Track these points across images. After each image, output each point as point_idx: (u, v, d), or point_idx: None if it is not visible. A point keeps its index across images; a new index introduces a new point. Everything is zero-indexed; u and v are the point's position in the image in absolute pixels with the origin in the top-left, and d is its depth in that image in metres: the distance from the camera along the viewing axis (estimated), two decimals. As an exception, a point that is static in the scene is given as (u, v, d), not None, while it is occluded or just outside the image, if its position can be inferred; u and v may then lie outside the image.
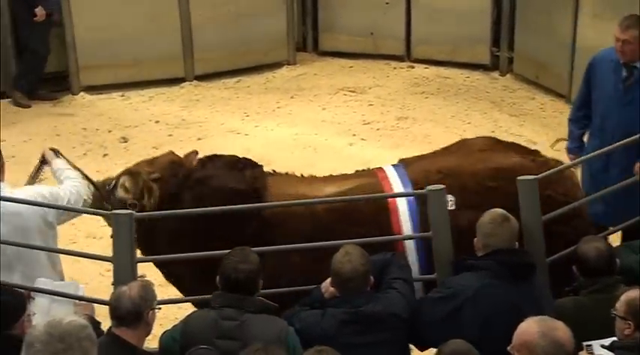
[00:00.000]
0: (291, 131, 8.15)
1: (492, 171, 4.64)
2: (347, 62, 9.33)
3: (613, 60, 5.44)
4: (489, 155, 4.78)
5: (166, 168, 4.84)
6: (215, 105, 8.71)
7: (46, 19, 8.38)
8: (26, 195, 4.52)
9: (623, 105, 5.40)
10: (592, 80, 5.58)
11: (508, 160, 4.71)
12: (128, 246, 4.22)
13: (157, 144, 7.89)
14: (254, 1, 9.15)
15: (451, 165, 4.73)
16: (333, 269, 3.95)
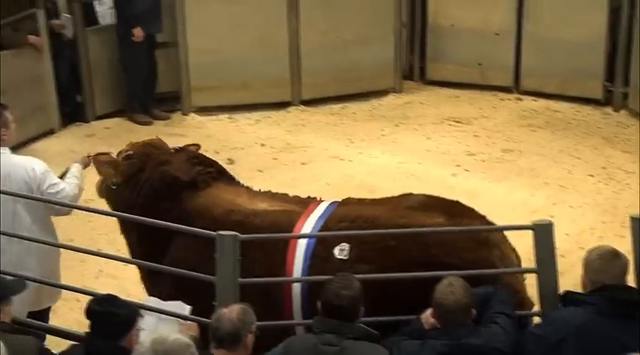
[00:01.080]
0: (394, 159, 8.13)
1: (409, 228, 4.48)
2: (453, 92, 9.28)
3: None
4: (413, 213, 4.62)
5: (141, 148, 5.26)
6: (320, 130, 8.77)
7: (147, 40, 8.58)
8: (20, 160, 5.12)
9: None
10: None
11: (425, 221, 4.52)
12: (231, 267, 4.27)
13: (262, 167, 8.00)
14: (362, 28, 9.20)
15: (371, 215, 4.63)
16: (436, 301, 3.90)
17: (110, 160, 5.24)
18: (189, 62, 8.93)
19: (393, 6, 9.24)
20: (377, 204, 4.87)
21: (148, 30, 8.56)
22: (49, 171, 5.13)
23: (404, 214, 4.63)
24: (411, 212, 4.64)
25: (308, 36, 9.05)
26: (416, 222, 4.53)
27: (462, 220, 4.56)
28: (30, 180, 5.04)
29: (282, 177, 7.83)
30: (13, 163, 5.10)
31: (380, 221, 4.59)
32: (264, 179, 7.82)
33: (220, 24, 8.85)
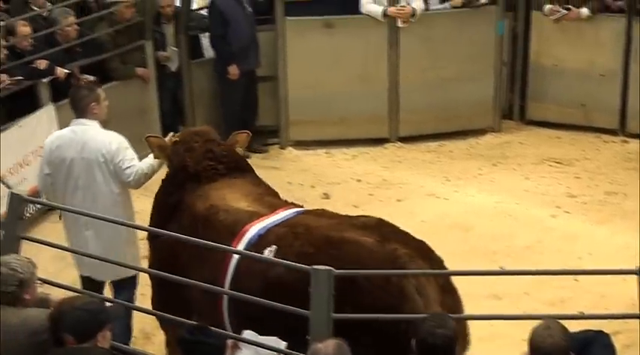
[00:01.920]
0: (491, 199, 8.01)
1: (323, 240, 4.62)
2: (554, 133, 9.09)
3: None
4: (349, 228, 4.69)
5: (186, 134, 5.68)
6: (416, 167, 8.71)
7: (245, 75, 8.67)
8: (103, 134, 5.60)
9: None
10: None
11: (351, 237, 4.59)
12: (326, 302, 4.25)
13: (357, 203, 7.98)
14: (462, 65, 9.13)
15: (311, 225, 4.77)
16: (533, 343, 3.80)
17: (159, 143, 5.61)
18: (288, 96, 9.02)
19: (494, 44, 9.15)
20: (331, 217, 4.97)
21: (244, 66, 8.65)
22: (126, 147, 5.64)
23: (341, 229, 4.71)
24: (348, 228, 4.71)
25: (407, 72, 9.03)
26: (344, 237, 4.62)
27: (389, 244, 4.55)
28: (105, 153, 5.57)
29: (377, 213, 7.67)
30: (95, 135, 5.62)
31: (314, 230, 4.72)
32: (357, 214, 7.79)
33: (320, 59, 8.92)
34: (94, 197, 5.61)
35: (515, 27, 9.39)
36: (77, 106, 5.73)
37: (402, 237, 4.75)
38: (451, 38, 9.04)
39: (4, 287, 4.07)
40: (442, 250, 7.00)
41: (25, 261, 4.17)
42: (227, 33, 8.49)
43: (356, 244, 4.58)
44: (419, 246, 4.75)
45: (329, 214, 5.06)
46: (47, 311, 4.08)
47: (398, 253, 4.53)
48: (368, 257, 4.50)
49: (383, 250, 4.54)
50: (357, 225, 4.78)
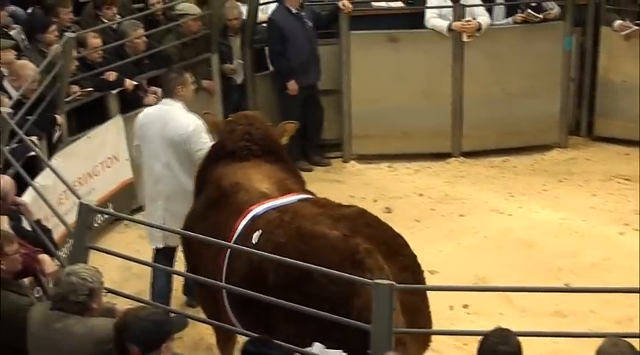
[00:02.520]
0: (556, 215, 7.90)
1: (295, 231, 4.79)
2: (623, 149, 8.93)
3: None
4: (325, 220, 4.81)
5: (237, 116, 6.03)
6: (479, 182, 8.65)
7: (305, 90, 8.70)
8: (184, 116, 6.16)
9: None
10: None
11: (320, 230, 4.73)
12: (387, 317, 4.24)
13: (419, 217, 7.96)
14: (528, 81, 9.04)
15: (298, 212, 4.95)
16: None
17: (213, 121, 6.16)
18: (352, 110, 9.03)
19: (562, 60, 9.05)
20: (321, 206, 5.08)
21: (303, 81, 8.68)
22: (201, 131, 6.10)
23: (317, 221, 4.83)
24: (325, 219, 4.83)
25: (471, 87, 8.98)
26: (313, 230, 4.75)
27: (354, 238, 4.63)
28: (182, 133, 6.12)
29: (439, 229, 7.76)
30: (176, 116, 6.19)
31: (295, 220, 4.88)
32: (420, 229, 7.78)
33: (384, 73, 8.92)
34: (170, 171, 6.23)
35: (584, 42, 9.26)
36: (166, 87, 6.47)
37: (372, 231, 4.80)
38: (517, 53, 8.96)
39: (74, 296, 4.15)
40: (506, 266, 7.02)
41: (93, 271, 4.25)
42: (286, 48, 8.54)
43: (321, 238, 4.69)
44: (387, 240, 4.79)
45: (323, 203, 5.19)
46: (113, 320, 4.14)
47: (358, 248, 4.59)
48: (329, 251, 4.63)
49: (344, 245, 4.62)
50: (334, 216, 4.89)
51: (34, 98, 6.74)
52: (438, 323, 5.22)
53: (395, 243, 4.83)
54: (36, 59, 7.31)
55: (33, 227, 5.51)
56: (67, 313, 4.17)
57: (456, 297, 6.44)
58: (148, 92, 8.21)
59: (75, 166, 7.27)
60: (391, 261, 4.68)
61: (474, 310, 6.47)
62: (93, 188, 7.52)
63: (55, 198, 6.52)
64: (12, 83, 6.86)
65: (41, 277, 5.02)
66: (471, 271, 6.98)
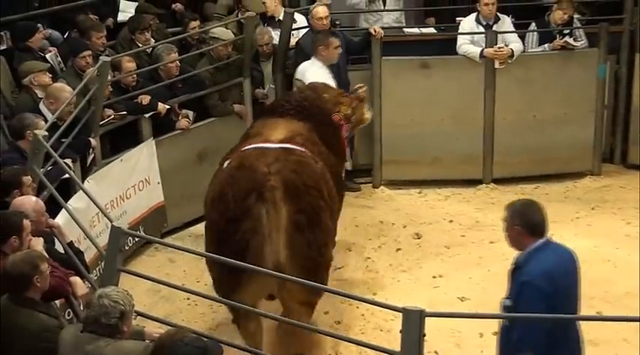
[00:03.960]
0: (589, 243, 7.81)
1: (236, 163, 5.81)
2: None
3: None
4: (259, 158, 5.74)
5: (305, 86, 7.38)
6: (511, 209, 8.58)
7: None
8: (314, 73, 7.91)
9: None
10: None
11: (255, 165, 5.65)
12: (416, 343, 4.21)
13: (448, 244, 7.93)
14: (561, 108, 9.01)
15: (260, 152, 5.83)
16: None
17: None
18: (382, 135, 9.04)
19: (595, 87, 9.01)
20: (284, 152, 5.90)
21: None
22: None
23: (263, 158, 5.71)
24: (268, 159, 5.71)
25: (503, 114, 8.96)
26: (251, 162, 5.73)
27: (271, 176, 5.57)
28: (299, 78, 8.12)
29: (469, 255, 7.72)
30: (306, 68, 7.93)
31: (253, 154, 5.84)
32: (450, 256, 7.75)
33: (416, 99, 8.94)
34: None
35: (618, 70, 9.22)
36: (312, 47, 7.95)
37: (292, 175, 5.63)
38: (549, 80, 8.93)
39: (105, 319, 4.17)
40: (537, 295, 6.93)
41: (124, 293, 4.27)
42: None
43: (248, 170, 5.66)
44: (300, 185, 5.62)
45: (289, 151, 5.91)
46: (143, 343, 4.16)
47: (266, 184, 5.53)
48: (247, 180, 5.57)
49: (260, 178, 5.54)
50: (278, 158, 5.75)
51: (69, 121, 6.82)
52: (468, 350, 5.19)
53: (303, 189, 5.62)
54: (72, 82, 7.40)
55: (65, 249, 5.56)
56: (98, 335, 4.19)
57: (486, 325, 6.38)
58: (180, 115, 8.28)
59: (107, 189, 7.33)
60: (293, 202, 5.52)
61: (504, 338, 6.40)
62: (125, 211, 7.58)
63: (87, 220, 6.58)
64: (49, 106, 6.95)
65: (72, 299, 5.06)
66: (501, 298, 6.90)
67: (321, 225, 5.65)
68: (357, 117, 7.31)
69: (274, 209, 5.44)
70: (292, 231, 5.47)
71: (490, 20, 8.97)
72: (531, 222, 4.58)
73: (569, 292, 4.55)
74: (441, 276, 7.39)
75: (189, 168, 8.28)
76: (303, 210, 5.54)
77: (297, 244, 5.49)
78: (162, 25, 9.22)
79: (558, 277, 4.50)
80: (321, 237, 5.64)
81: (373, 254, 7.82)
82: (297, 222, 5.49)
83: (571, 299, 4.58)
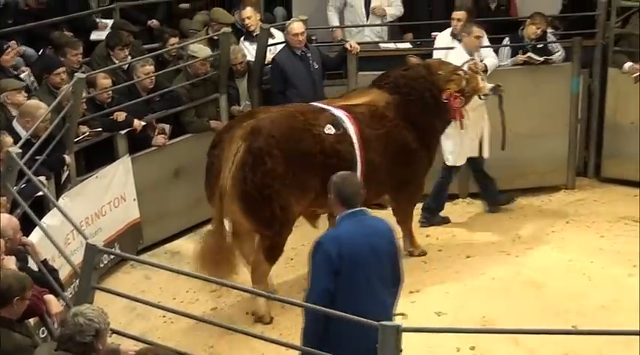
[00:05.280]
0: (564, 257, 7.87)
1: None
2: (631, 191, 8.91)
3: None
4: (263, 115, 7.06)
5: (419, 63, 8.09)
6: (486, 224, 8.62)
7: None
8: (454, 56, 8.50)
9: None
10: None
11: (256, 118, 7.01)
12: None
13: (425, 258, 7.97)
14: (535, 123, 9.05)
15: (285, 109, 7.30)
16: None
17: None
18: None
19: (569, 101, 9.08)
20: (300, 112, 7.21)
21: None
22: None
23: (268, 114, 7.08)
24: (267, 114, 7.07)
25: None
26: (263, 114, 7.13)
27: (239, 129, 6.91)
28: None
29: (446, 270, 7.74)
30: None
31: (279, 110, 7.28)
32: (426, 270, 7.77)
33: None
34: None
35: (591, 84, 9.30)
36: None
37: (251, 135, 6.80)
38: (524, 95, 8.98)
39: (80, 337, 4.15)
40: (513, 308, 6.98)
41: (99, 311, 4.25)
42: (287, 89, 8.58)
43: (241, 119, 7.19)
44: (241, 144, 6.76)
45: (304, 110, 7.25)
46: (118, 361, 4.13)
47: (222, 135, 7.02)
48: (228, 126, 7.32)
49: (228, 127, 7.13)
50: (269, 116, 7.03)
51: (43, 138, 6.79)
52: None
53: (263, 136, 6.75)
54: (45, 100, 7.37)
55: (39, 267, 5.52)
56: (73, 354, 4.16)
57: (464, 339, 6.41)
58: (157, 130, 8.26)
59: (82, 206, 7.29)
60: (248, 143, 6.73)
61: (481, 352, 6.43)
62: (100, 228, 7.54)
63: (62, 238, 6.54)
64: (25, 124, 6.91)
65: (47, 317, 5.02)
66: (479, 313, 6.95)
67: (266, 166, 6.69)
68: (471, 88, 7.90)
69: (231, 143, 6.77)
70: (237, 166, 6.69)
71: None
72: (343, 194, 4.92)
73: (357, 258, 4.78)
74: (417, 291, 7.38)
75: (166, 184, 8.26)
76: (251, 151, 6.71)
77: (237, 176, 6.68)
78: (138, 42, 9.21)
79: (347, 243, 4.79)
80: (260, 176, 6.68)
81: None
82: (243, 159, 6.69)
83: (359, 266, 4.79)
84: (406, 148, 7.51)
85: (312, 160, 6.92)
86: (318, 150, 6.95)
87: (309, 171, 6.88)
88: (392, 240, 4.99)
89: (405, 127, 7.49)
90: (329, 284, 4.74)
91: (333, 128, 7.10)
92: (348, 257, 4.77)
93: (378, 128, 7.33)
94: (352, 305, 4.68)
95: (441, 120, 7.83)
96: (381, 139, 7.30)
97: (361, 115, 7.31)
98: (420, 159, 7.69)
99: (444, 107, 7.77)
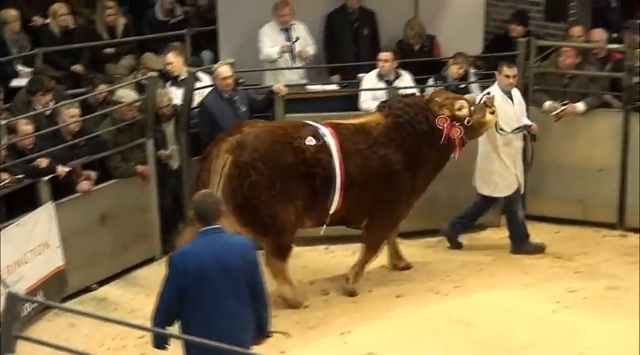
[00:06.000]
0: (492, 294, 7.95)
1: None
2: (553, 227, 9.07)
3: None
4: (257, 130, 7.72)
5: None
6: (416, 263, 8.66)
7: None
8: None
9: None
10: None
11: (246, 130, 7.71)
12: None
13: (356, 299, 7.99)
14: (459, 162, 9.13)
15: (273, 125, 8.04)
16: None
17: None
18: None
19: (492, 140, 9.22)
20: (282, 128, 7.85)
21: None
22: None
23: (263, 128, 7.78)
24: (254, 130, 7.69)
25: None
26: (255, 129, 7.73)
27: (231, 142, 7.59)
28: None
29: (377, 310, 7.76)
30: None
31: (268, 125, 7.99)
32: (357, 310, 7.77)
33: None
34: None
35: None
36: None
37: (237, 149, 7.47)
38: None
39: None
40: (442, 346, 7.03)
41: None
42: (216, 133, 8.58)
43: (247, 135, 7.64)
44: (228, 158, 7.43)
45: (279, 128, 7.84)
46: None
47: (220, 148, 7.58)
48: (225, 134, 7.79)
49: (223, 139, 7.63)
50: (257, 132, 7.67)
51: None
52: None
53: (248, 151, 7.42)
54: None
55: (-42, 317, 5.35)
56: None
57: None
58: (82, 177, 8.15)
59: (3, 254, 7.13)
60: (234, 157, 7.41)
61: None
62: (22, 276, 7.37)
63: (-18, 286, 6.37)
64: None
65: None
66: (409, 352, 6.97)
67: (251, 178, 7.35)
68: (476, 119, 7.99)
69: (218, 157, 7.39)
70: (225, 178, 7.35)
71: (390, 76, 9.16)
72: (199, 211, 5.27)
73: (204, 274, 5.10)
74: (349, 332, 7.38)
75: (91, 230, 8.14)
76: (237, 164, 7.36)
77: (226, 189, 7.32)
78: (61, 87, 9.10)
79: (194, 259, 5.12)
80: (247, 188, 7.36)
81: (280, 312, 7.78)
82: (230, 172, 7.35)
83: (207, 281, 5.11)
84: (389, 168, 7.77)
85: (295, 170, 7.50)
86: (300, 161, 7.51)
87: (293, 181, 7.50)
88: (247, 257, 5.26)
89: (390, 147, 7.78)
90: (173, 295, 5.12)
91: (314, 140, 7.63)
92: (195, 272, 5.09)
93: (360, 143, 7.72)
94: (200, 318, 5.08)
95: (432, 147, 7.92)
96: (362, 153, 7.70)
97: (346, 130, 7.77)
98: (402, 182, 7.87)
99: (438, 134, 7.89)
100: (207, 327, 5.01)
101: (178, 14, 10.94)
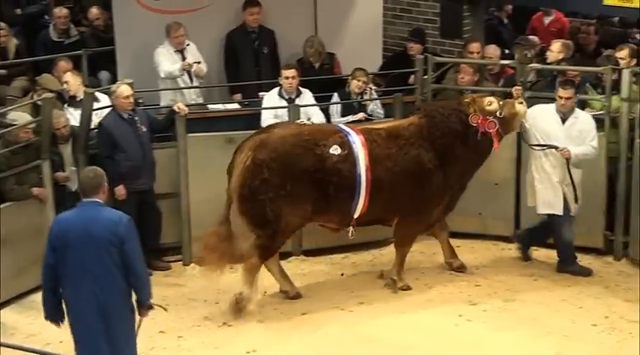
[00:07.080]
0: (395, 309, 8.05)
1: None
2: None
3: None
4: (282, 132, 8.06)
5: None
6: (321, 280, 8.71)
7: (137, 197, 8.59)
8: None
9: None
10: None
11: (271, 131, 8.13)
12: None
13: (262, 317, 7.93)
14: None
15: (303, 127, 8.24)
16: None
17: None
18: (191, 212, 8.97)
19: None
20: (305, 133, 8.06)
21: (135, 187, 8.56)
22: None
23: (288, 129, 8.17)
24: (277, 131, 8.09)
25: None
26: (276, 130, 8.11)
27: (249, 143, 8.01)
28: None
29: (282, 328, 7.75)
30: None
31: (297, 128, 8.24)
32: (263, 330, 7.75)
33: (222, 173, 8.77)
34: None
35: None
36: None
37: (252, 152, 7.88)
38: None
39: None
40: (346, 364, 7.03)
41: None
42: (115, 154, 8.45)
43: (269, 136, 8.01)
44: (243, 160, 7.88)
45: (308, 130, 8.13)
46: None
47: (243, 149, 8.01)
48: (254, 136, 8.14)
49: (248, 142, 8.02)
50: (275, 135, 8.00)
51: None
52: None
53: (266, 151, 7.83)
54: None
55: None
56: None
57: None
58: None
59: None
60: (254, 154, 7.82)
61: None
62: None
63: None
64: None
65: None
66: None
67: (263, 176, 7.76)
68: (507, 111, 8.28)
69: (242, 152, 7.88)
70: (242, 172, 7.81)
71: (292, 94, 9.19)
72: (81, 185, 6.17)
73: (68, 239, 5.91)
74: (254, 351, 7.35)
75: (-13, 255, 7.88)
76: (254, 161, 7.78)
77: (239, 181, 7.84)
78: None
79: (63, 224, 6.02)
80: (257, 184, 7.76)
81: (185, 332, 7.70)
82: (247, 167, 7.79)
83: (70, 246, 5.90)
84: (420, 167, 8.05)
85: (310, 176, 7.77)
86: (317, 168, 7.77)
87: (306, 186, 7.77)
88: (116, 232, 5.90)
89: (422, 146, 8.08)
90: (50, 259, 5.97)
91: (340, 149, 7.86)
92: (61, 237, 5.91)
93: (391, 147, 8.01)
94: (68, 277, 5.91)
95: (467, 146, 8.23)
96: (392, 157, 7.98)
97: (377, 136, 8.05)
98: (435, 181, 8.11)
99: (474, 133, 8.20)
100: (73, 286, 5.90)
101: (74, 35, 10.77)
